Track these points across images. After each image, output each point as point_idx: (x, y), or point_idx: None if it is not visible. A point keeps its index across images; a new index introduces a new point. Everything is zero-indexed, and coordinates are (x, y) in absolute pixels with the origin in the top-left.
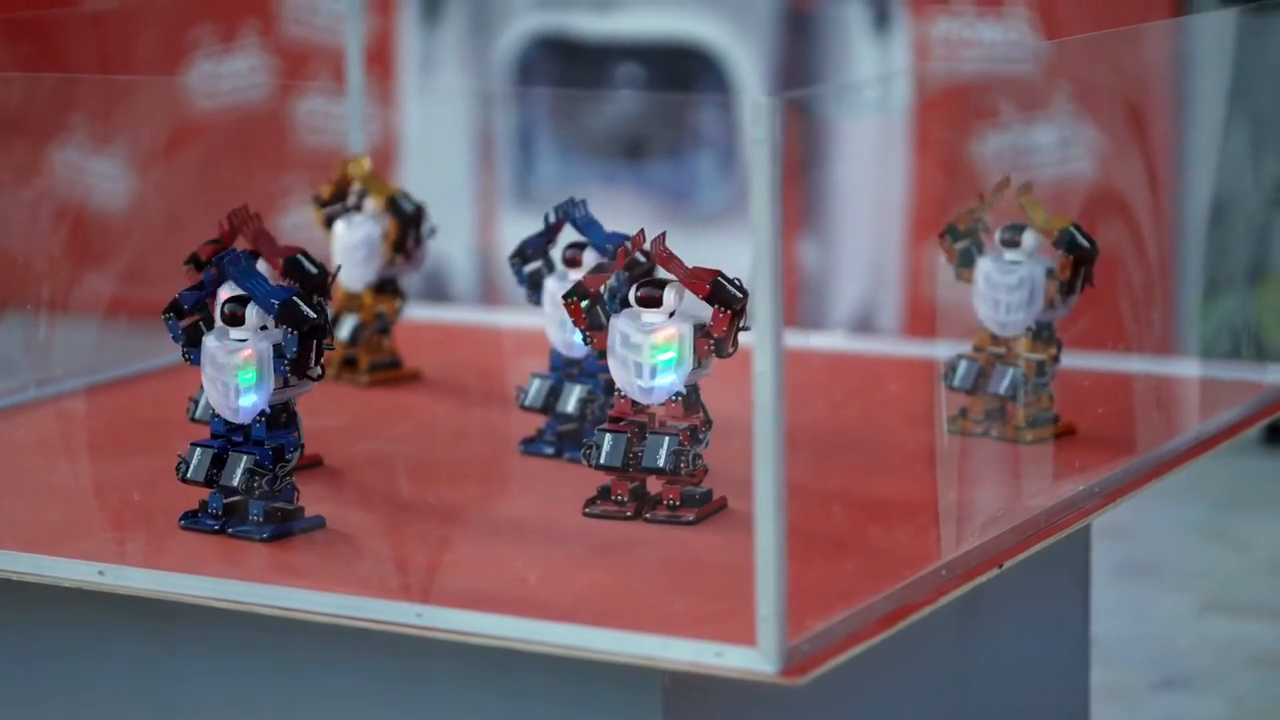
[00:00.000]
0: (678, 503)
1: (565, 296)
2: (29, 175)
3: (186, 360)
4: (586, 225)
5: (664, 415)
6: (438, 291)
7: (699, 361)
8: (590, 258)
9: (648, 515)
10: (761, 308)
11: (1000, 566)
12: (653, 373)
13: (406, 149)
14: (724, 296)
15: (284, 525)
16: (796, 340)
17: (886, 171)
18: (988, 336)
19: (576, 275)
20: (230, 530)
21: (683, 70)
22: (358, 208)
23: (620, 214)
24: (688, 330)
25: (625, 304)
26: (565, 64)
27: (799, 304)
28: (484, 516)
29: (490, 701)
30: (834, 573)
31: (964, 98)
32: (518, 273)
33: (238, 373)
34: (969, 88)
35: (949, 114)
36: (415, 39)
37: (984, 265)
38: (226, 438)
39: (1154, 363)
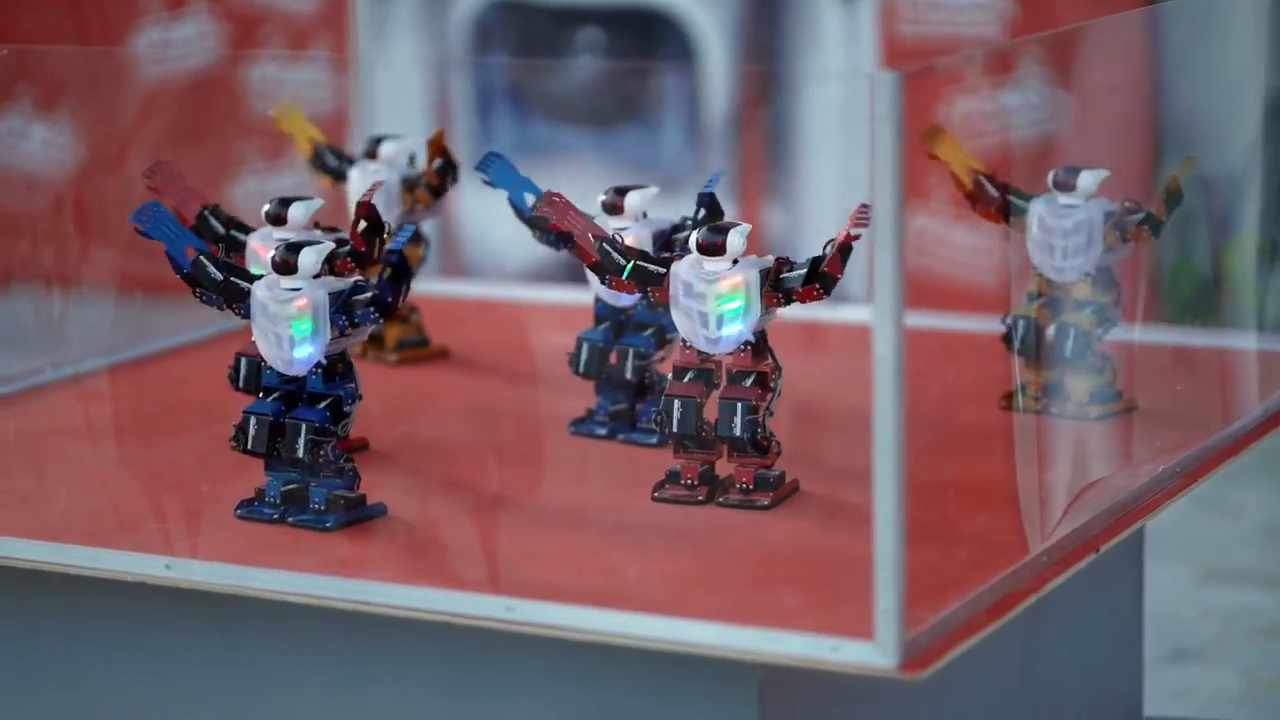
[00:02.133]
0: (751, 486)
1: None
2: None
3: (237, 314)
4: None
5: (732, 364)
6: (452, 267)
7: (765, 308)
8: (633, 201)
9: (720, 500)
10: (883, 291)
11: (1098, 550)
12: (719, 322)
13: (362, 117)
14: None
15: (349, 514)
16: (826, 312)
17: (853, 140)
18: (1044, 282)
19: (618, 222)
20: (291, 519)
21: (645, 34)
22: (371, 155)
23: (581, 181)
24: (754, 276)
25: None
26: (524, 27)
27: None
28: (548, 503)
29: (575, 697)
30: (936, 561)
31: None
32: (545, 236)
33: (292, 323)
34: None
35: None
36: (366, 3)
37: (1037, 208)
38: (280, 392)
39: (1213, 336)
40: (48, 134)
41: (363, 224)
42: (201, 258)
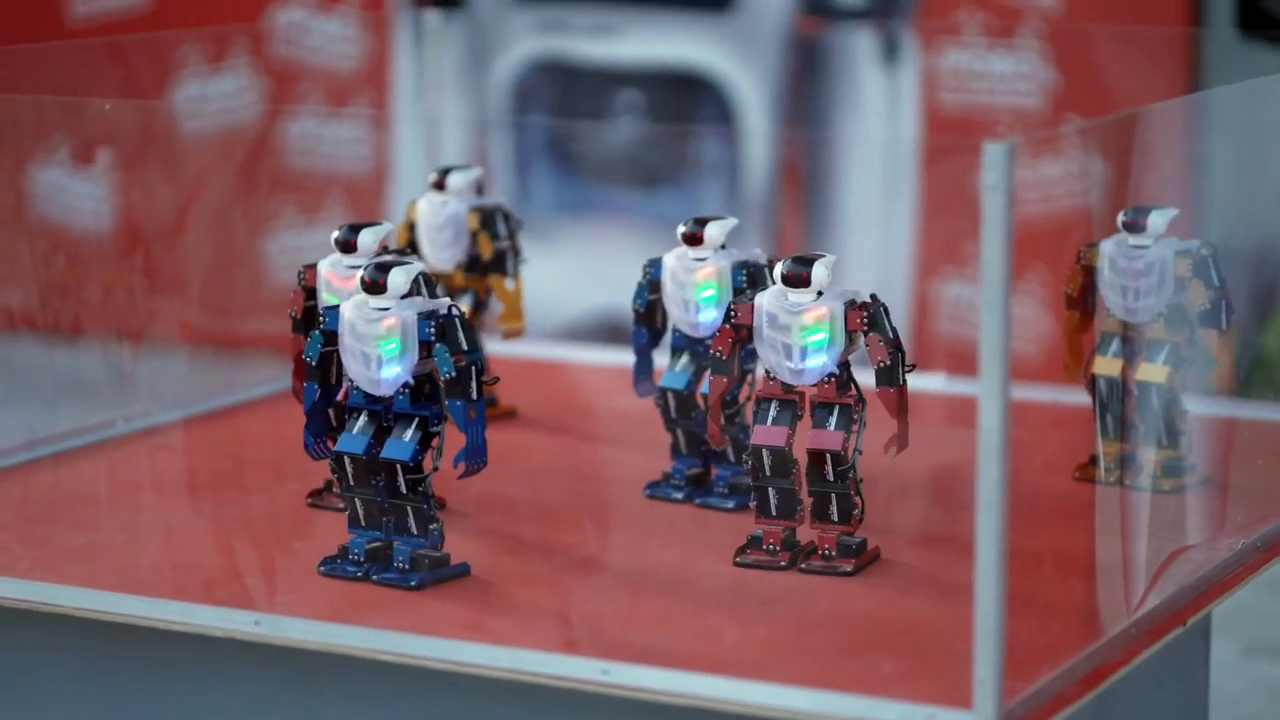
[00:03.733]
0: (833, 552)
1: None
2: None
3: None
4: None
5: (816, 395)
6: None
7: (850, 338)
8: (713, 233)
9: (803, 566)
10: (988, 360)
11: (1184, 624)
12: (803, 354)
13: (399, 174)
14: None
15: (434, 573)
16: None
17: (893, 194)
18: (1118, 324)
19: (697, 253)
20: (376, 578)
21: (685, 97)
22: (439, 186)
23: (620, 241)
24: (839, 308)
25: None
26: (565, 89)
27: None
28: (630, 566)
29: None
30: (1028, 632)
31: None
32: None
33: (379, 343)
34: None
35: (954, 141)
36: (409, 61)
37: (1108, 250)
38: (367, 419)
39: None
40: (87, 187)
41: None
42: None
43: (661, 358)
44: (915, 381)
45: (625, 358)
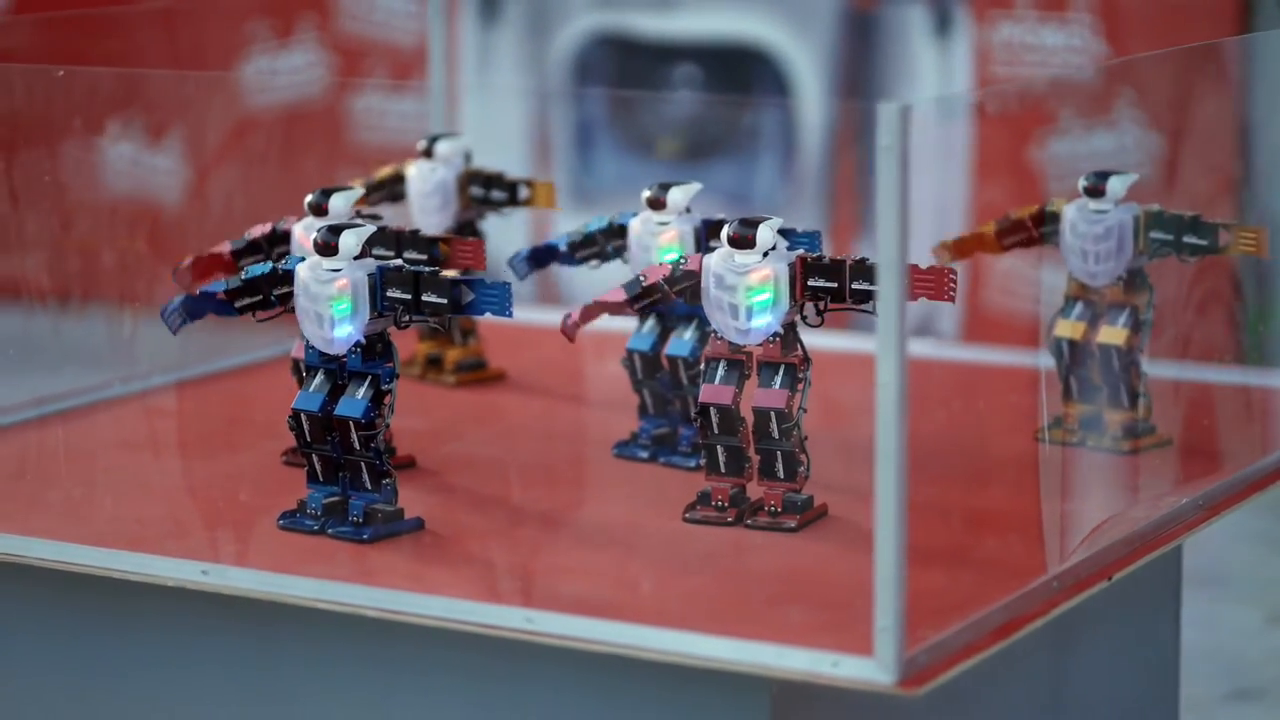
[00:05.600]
0: (779, 509)
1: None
2: (99, 170)
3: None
4: None
5: (762, 355)
6: (517, 291)
7: (795, 299)
8: (675, 196)
9: (749, 521)
10: (885, 316)
11: (1110, 579)
12: (749, 314)
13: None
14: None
15: (386, 527)
16: (861, 343)
17: (948, 177)
18: (1079, 286)
19: (661, 216)
20: (330, 531)
21: (741, 71)
22: (428, 154)
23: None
24: (783, 269)
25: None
26: (623, 63)
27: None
28: (583, 521)
29: (592, 708)
30: (945, 584)
31: (1025, 106)
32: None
33: (332, 303)
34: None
35: (1010, 120)
36: (473, 37)
37: (1069, 214)
38: (322, 377)
39: (1248, 374)
40: (161, 160)
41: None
42: (237, 275)
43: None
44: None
45: (625, 324)
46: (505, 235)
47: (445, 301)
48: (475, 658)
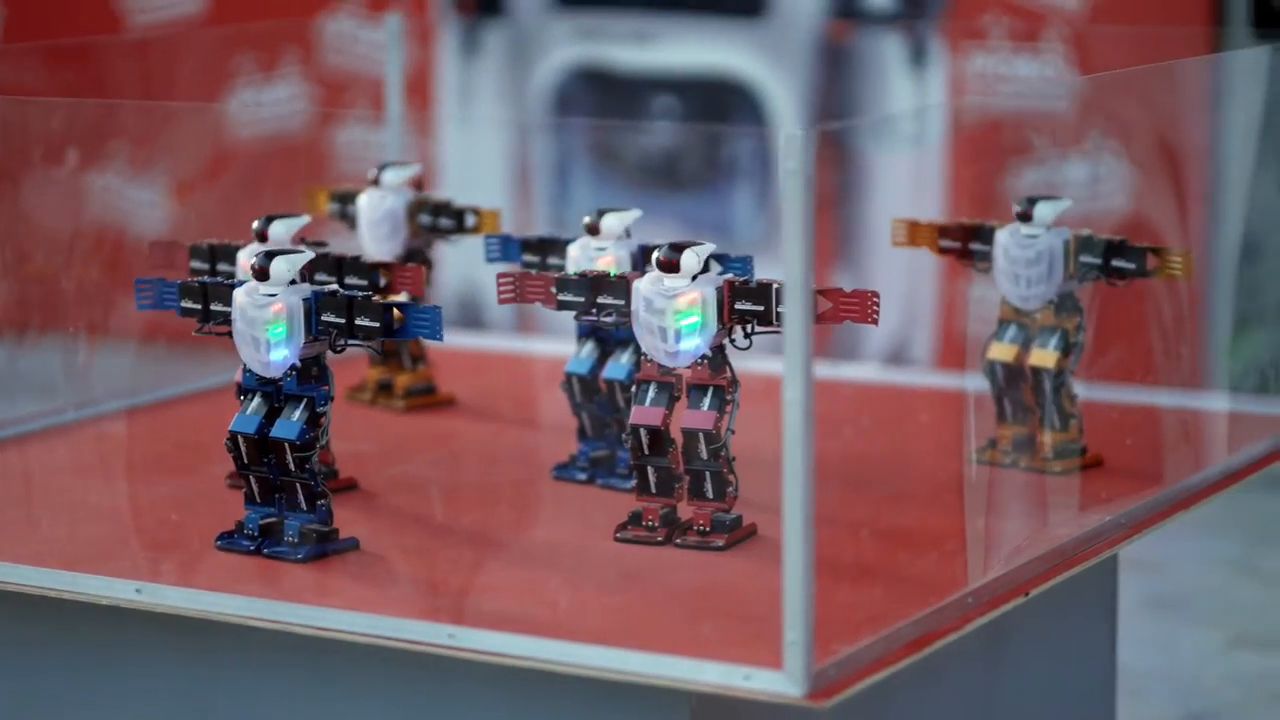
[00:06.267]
0: (708, 528)
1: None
2: (69, 200)
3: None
4: None
5: (691, 377)
6: (472, 319)
7: (723, 323)
8: (610, 223)
9: (678, 541)
10: (791, 335)
11: (1027, 594)
12: (677, 337)
13: (445, 178)
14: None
15: (320, 546)
16: (828, 370)
17: (920, 205)
18: (1011, 310)
19: (598, 242)
20: (266, 551)
21: (719, 103)
22: (376, 182)
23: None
24: (711, 293)
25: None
26: (603, 96)
27: (833, 336)
28: (516, 541)
29: None
30: (860, 599)
31: (997, 132)
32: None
33: (268, 327)
34: (1002, 123)
35: (982, 148)
36: (454, 70)
37: (1002, 239)
38: (259, 400)
39: (1182, 397)
40: (143, 192)
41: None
42: (182, 285)
43: (568, 345)
44: (852, 370)
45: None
46: (454, 263)
47: (378, 325)
48: (403, 673)
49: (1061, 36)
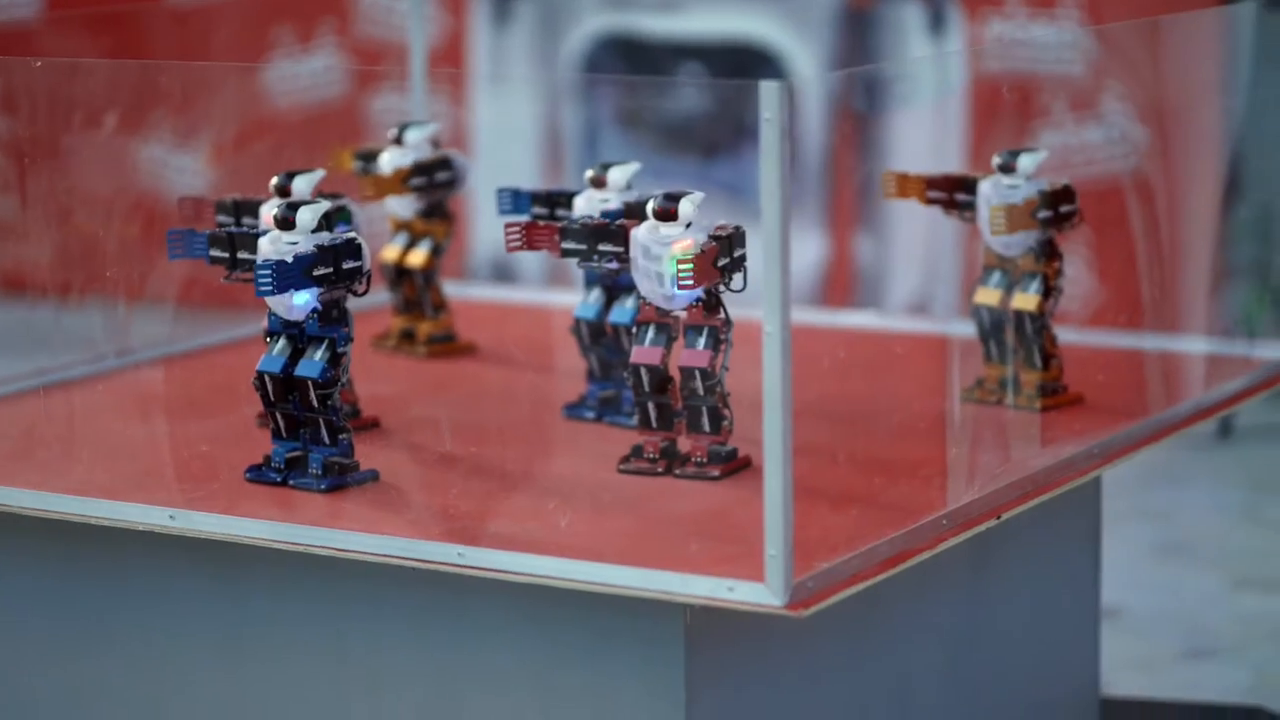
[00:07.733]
0: (705, 460)
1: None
2: (111, 164)
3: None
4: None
5: (687, 319)
6: (505, 274)
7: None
8: (615, 176)
9: (677, 471)
10: (770, 272)
11: (999, 518)
12: (674, 281)
13: (476, 144)
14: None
15: (341, 478)
16: (828, 318)
17: (940, 163)
18: (995, 257)
19: (602, 194)
20: (291, 482)
21: (744, 69)
22: (398, 141)
23: None
24: (705, 240)
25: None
26: (630, 64)
27: (856, 293)
28: (525, 472)
29: (526, 635)
30: (842, 521)
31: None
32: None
33: None
34: (1019, 84)
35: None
36: (485, 39)
37: (984, 189)
38: (284, 340)
39: (1165, 340)
40: (182, 159)
41: None
42: (210, 234)
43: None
44: (853, 318)
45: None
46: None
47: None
48: (417, 593)
49: (1076, 1)
